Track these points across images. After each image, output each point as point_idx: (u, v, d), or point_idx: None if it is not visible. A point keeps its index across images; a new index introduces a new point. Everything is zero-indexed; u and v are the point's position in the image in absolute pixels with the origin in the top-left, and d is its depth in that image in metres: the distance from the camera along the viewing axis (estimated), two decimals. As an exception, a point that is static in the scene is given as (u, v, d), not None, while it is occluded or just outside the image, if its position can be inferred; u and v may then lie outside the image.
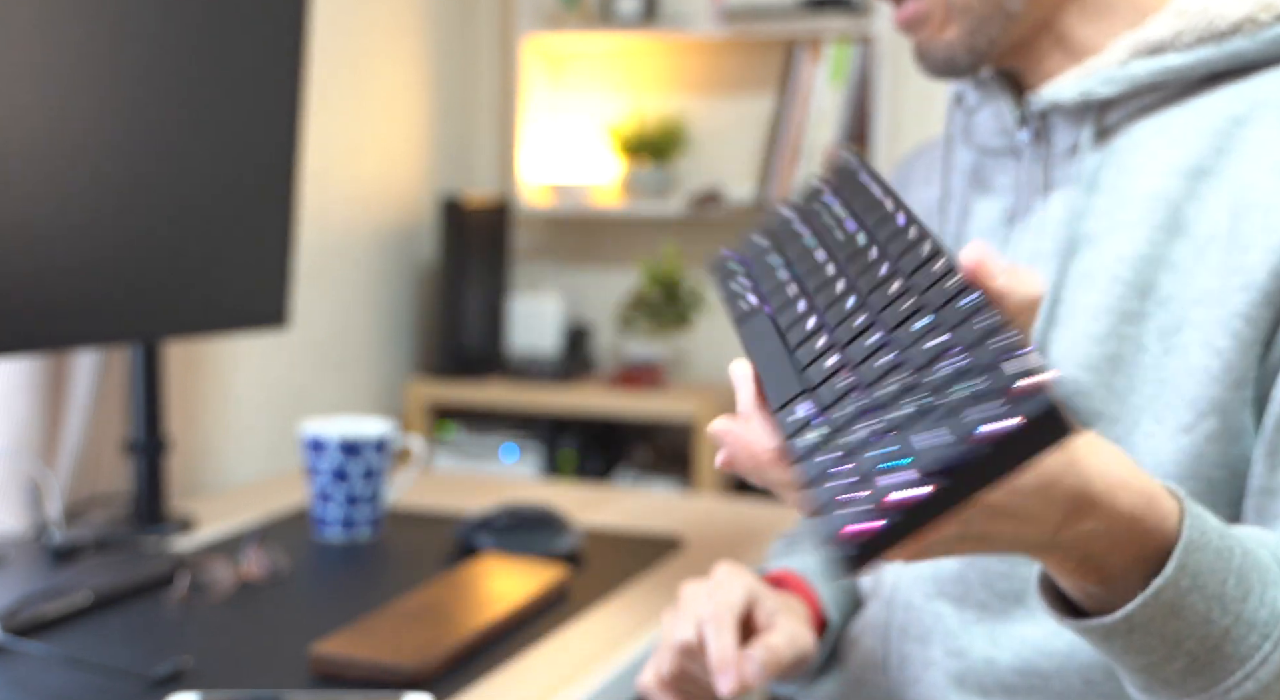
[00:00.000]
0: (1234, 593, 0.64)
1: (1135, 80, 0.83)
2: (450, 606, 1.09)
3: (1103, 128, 0.86)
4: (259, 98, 1.44)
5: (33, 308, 1.20)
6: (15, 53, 1.16)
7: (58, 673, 0.98)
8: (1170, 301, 0.79)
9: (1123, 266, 0.81)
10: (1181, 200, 0.81)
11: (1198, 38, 0.82)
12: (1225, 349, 0.77)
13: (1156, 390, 0.79)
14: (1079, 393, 0.81)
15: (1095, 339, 0.81)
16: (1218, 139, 0.80)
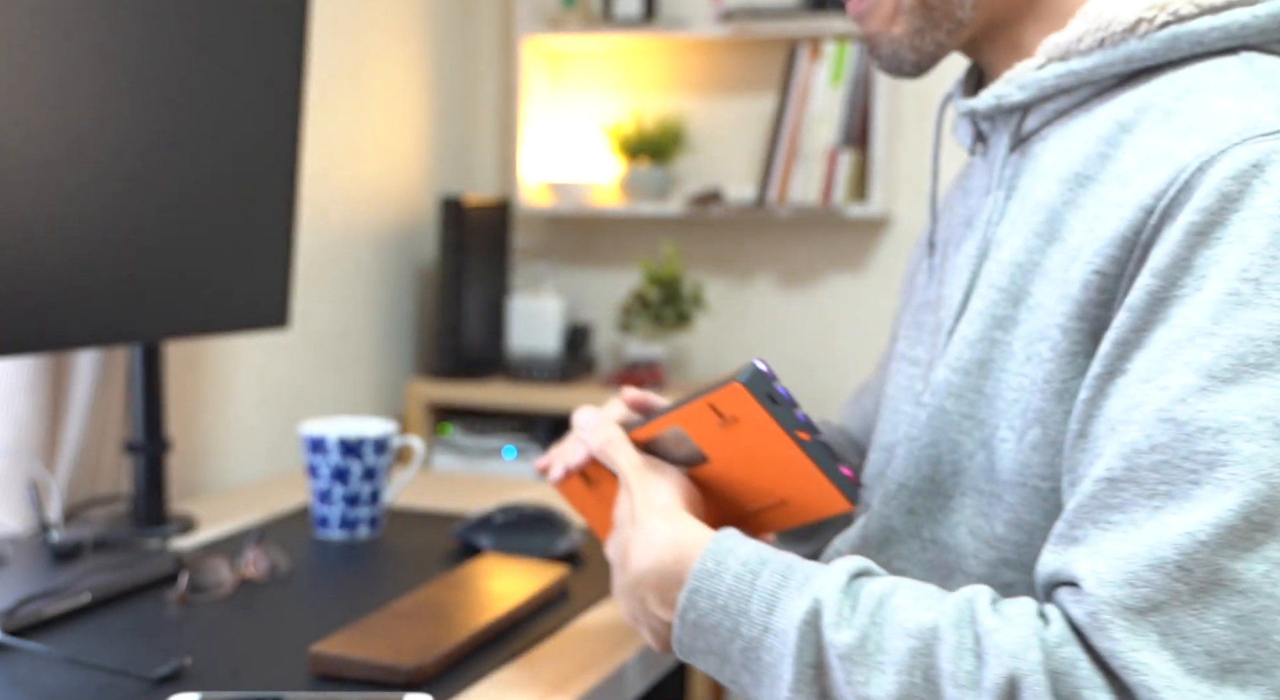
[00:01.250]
0: (759, 608, 0.74)
1: (1043, 84, 0.83)
2: (450, 606, 1.09)
3: (1024, 133, 0.86)
4: (260, 98, 1.44)
5: (34, 308, 1.20)
6: (16, 54, 1.16)
7: (58, 672, 0.98)
8: (1038, 309, 0.79)
9: (999, 272, 0.82)
10: (1061, 207, 0.80)
11: (1096, 41, 0.81)
12: (1048, 359, 0.76)
13: (1015, 396, 0.79)
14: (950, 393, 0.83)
15: (969, 343, 0.82)
16: (1103, 145, 0.79)
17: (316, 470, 1.39)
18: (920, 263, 1.03)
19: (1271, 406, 0.66)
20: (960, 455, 0.82)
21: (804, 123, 2.39)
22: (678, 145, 2.56)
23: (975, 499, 0.82)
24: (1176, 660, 0.64)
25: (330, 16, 2.07)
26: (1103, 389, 0.72)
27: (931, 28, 0.87)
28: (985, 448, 0.81)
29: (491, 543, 1.33)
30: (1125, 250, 0.73)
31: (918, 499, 0.85)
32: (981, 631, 0.69)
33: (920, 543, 0.85)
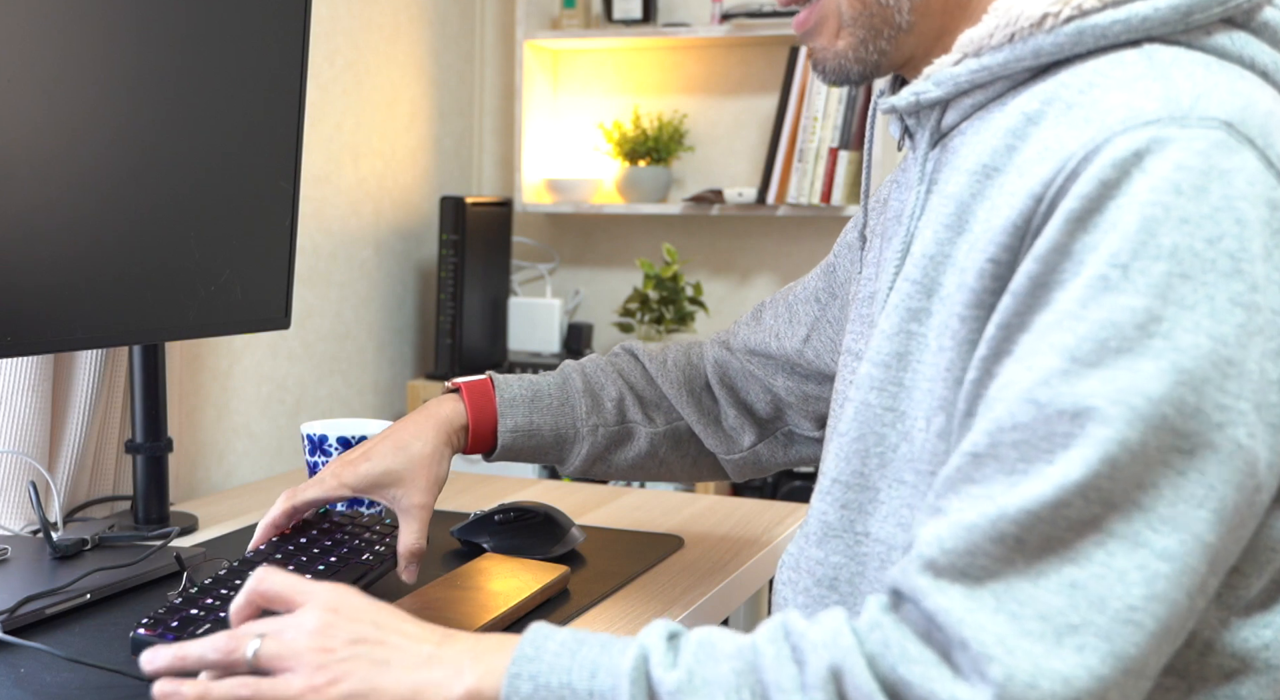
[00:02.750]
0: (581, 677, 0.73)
1: (958, 80, 0.84)
2: (450, 606, 1.09)
3: (944, 128, 0.87)
4: (261, 100, 1.44)
5: (34, 308, 1.20)
6: (15, 56, 1.16)
7: (58, 672, 0.98)
8: (948, 299, 0.80)
9: (912, 265, 0.83)
10: (970, 199, 0.81)
11: (1007, 35, 0.81)
12: (948, 347, 0.78)
13: (930, 387, 0.81)
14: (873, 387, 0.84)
15: (887, 336, 0.84)
16: (1010, 137, 0.79)
17: (317, 470, 1.39)
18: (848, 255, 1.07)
19: (1127, 390, 0.67)
20: (885, 448, 0.84)
21: (804, 123, 2.39)
22: (678, 145, 2.56)
23: (900, 490, 0.83)
24: (1010, 623, 0.66)
25: (330, 16, 2.07)
26: (989, 370, 0.74)
27: (873, 37, 0.88)
28: (907, 439, 0.82)
29: (491, 543, 1.33)
30: (1017, 238, 0.74)
31: (850, 494, 0.86)
32: (796, 638, 0.71)
33: (854, 536, 0.86)
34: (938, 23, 0.87)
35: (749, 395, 1.24)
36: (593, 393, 1.23)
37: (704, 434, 1.24)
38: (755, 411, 1.25)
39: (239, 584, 1.11)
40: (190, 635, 0.98)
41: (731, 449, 1.25)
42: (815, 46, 0.91)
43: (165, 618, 1.00)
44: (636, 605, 1.20)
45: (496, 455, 1.21)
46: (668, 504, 1.61)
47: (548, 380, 1.23)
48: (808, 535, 0.90)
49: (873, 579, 0.85)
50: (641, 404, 1.24)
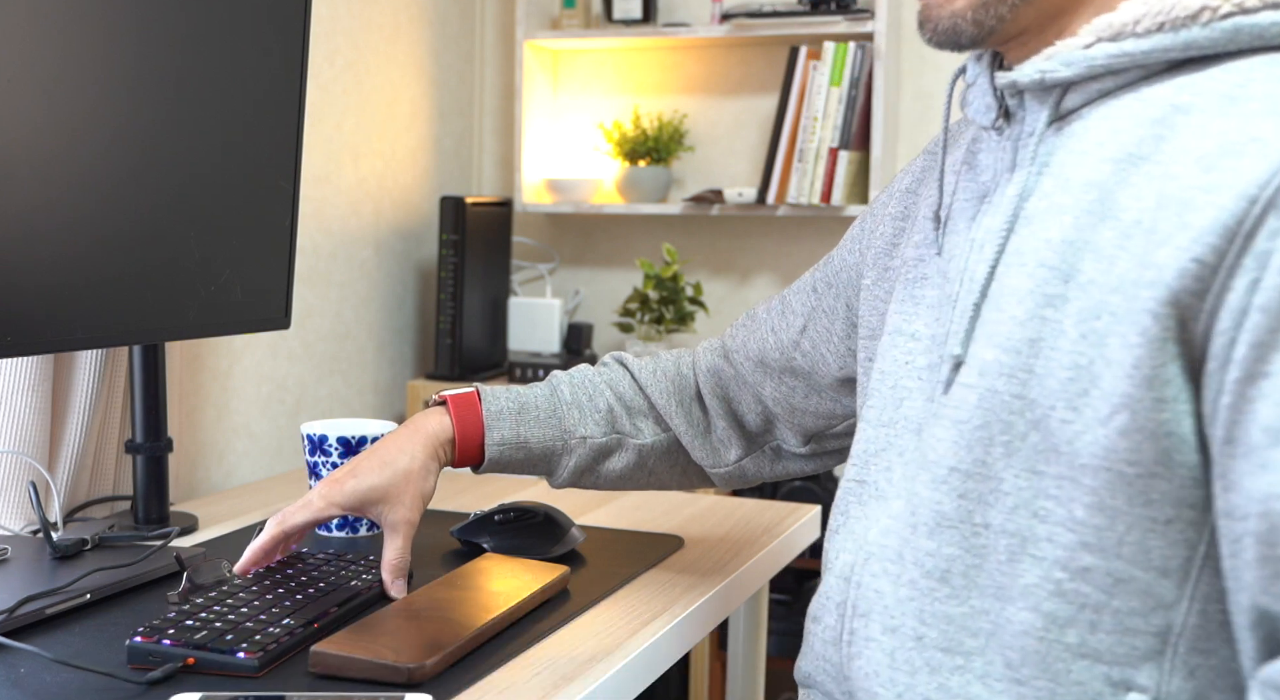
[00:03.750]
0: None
1: (1092, 63, 0.83)
2: (450, 606, 1.09)
3: (1062, 110, 0.86)
4: (261, 100, 1.44)
5: (34, 308, 1.20)
6: (16, 56, 1.16)
7: (57, 673, 0.98)
8: (1091, 286, 0.80)
9: (1049, 250, 0.82)
10: (1114, 185, 0.80)
11: (1156, 24, 0.81)
12: (1136, 345, 0.77)
13: (1073, 376, 0.79)
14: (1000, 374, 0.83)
15: (1018, 322, 0.82)
16: (1158, 127, 0.80)
17: (317, 470, 1.39)
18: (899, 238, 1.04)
19: None
20: (1012, 436, 0.82)
21: (804, 123, 2.39)
22: (678, 145, 2.56)
23: (1033, 481, 0.81)
24: None
25: (330, 16, 2.07)
26: (1245, 393, 0.73)
27: (996, 2, 0.86)
28: (1039, 428, 0.81)
29: (491, 543, 1.33)
30: (1226, 239, 0.74)
31: (969, 483, 0.84)
32: None
33: (971, 528, 0.84)
34: (1062, 3, 0.86)
35: (740, 405, 1.23)
36: (580, 404, 1.22)
37: (691, 446, 1.24)
38: (745, 423, 1.24)
39: (238, 596, 1.11)
40: (186, 644, 0.98)
41: (718, 462, 1.24)
42: (930, 2, 0.89)
43: (162, 626, 1.01)
44: (636, 605, 1.20)
45: (484, 468, 1.21)
46: (668, 504, 1.61)
47: (535, 392, 1.22)
48: (915, 525, 0.87)
49: (993, 572, 0.83)
50: (630, 414, 1.23)
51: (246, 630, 1.01)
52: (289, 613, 1.06)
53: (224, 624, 1.02)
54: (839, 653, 0.92)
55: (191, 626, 1.01)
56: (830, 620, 0.94)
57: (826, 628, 0.94)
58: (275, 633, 1.01)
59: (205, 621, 1.02)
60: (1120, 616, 0.80)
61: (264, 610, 1.06)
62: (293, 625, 1.03)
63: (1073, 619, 0.81)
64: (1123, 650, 0.80)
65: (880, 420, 0.95)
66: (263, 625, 1.02)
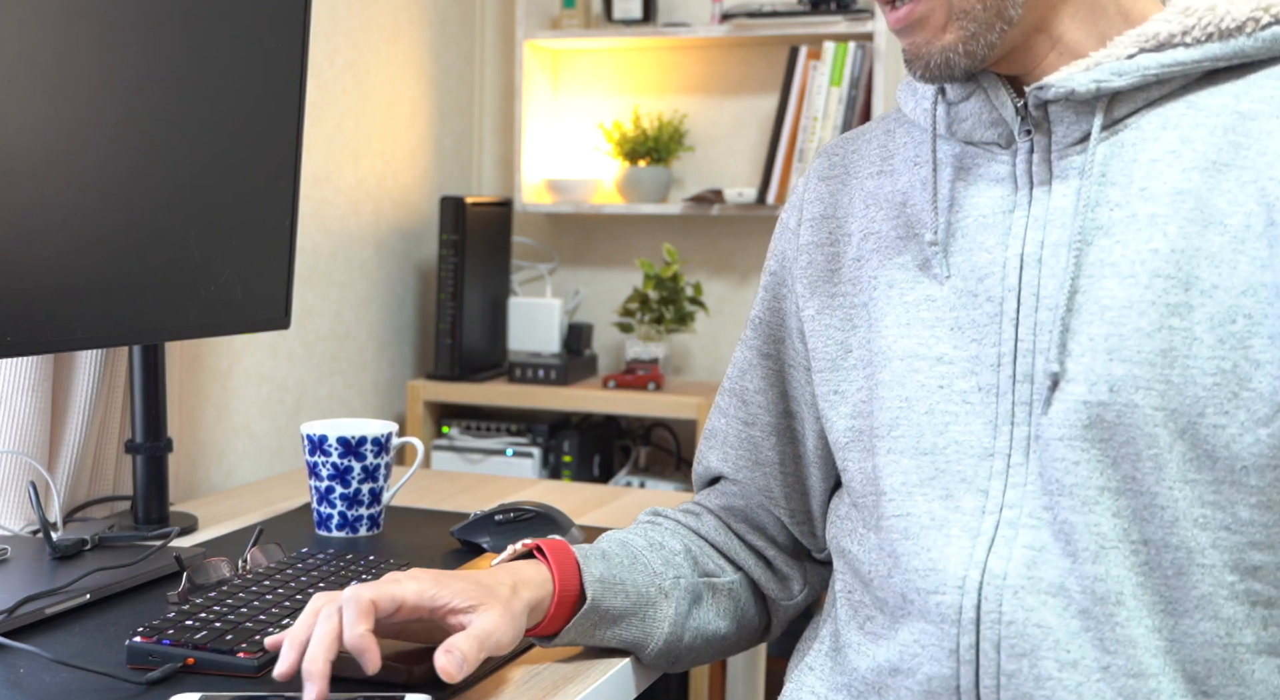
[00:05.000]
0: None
1: (1145, 72, 0.86)
2: (450, 606, 1.09)
3: (1110, 120, 0.88)
4: (261, 100, 1.44)
5: (34, 308, 1.20)
6: (16, 56, 1.16)
7: (56, 673, 0.98)
8: (1216, 292, 0.82)
9: (1159, 261, 0.83)
10: (1206, 193, 0.83)
11: (1206, 34, 0.85)
12: None
13: (1218, 381, 0.81)
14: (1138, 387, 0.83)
15: (1145, 334, 0.83)
16: (1230, 134, 0.84)
17: (317, 470, 1.39)
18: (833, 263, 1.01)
19: None
20: (1160, 449, 0.82)
21: (804, 123, 2.39)
22: (678, 145, 2.56)
23: (1189, 490, 0.82)
24: None
25: (330, 16, 2.07)
26: None
27: (985, 31, 0.87)
28: (1184, 437, 0.81)
29: (491, 543, 1.33)
30: None
31: (1121, 501, 0.83)
32: None
33: (1131, 546, 0.83)
34: (1041, 14, 0.89)
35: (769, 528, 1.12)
36: (657, 547, 1.07)
37: (761, 579, 1.12)
38: (782, 543, 1.12)
39: (238, 596, 1.11)
40: (186, 645, 0.98)
41: (788, 592, 1.13)
42: (917, 41, 0.89)
43: (162, 627, 1.01)
44: (636, 605, 1.19)
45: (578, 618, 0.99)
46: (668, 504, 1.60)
47: (602, 544, 1.06)
48: (1074, 553, 0.84)
49: (1161, 588, 0.82)
50: (704, 554, 1.10)
51: (246, 630, 1.01)
52: (289, 613, 1.06)
53: (224, 624, 1.02)
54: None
55: (191, 626, 1.01)
56: (941, 669, 0.88)
57: (937, 680, 0.88)
58: (275, 633, 1.01)
59: (205, 621, 1.02)
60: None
61: (264, 610, 1.06)
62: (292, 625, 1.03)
63: (1248, 618, 0.82)
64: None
65: (919, 448, 0.91)
66: (263, 625, 1.02)
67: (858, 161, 1.03)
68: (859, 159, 1.04)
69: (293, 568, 1.18)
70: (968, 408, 0.89)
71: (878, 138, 1.03)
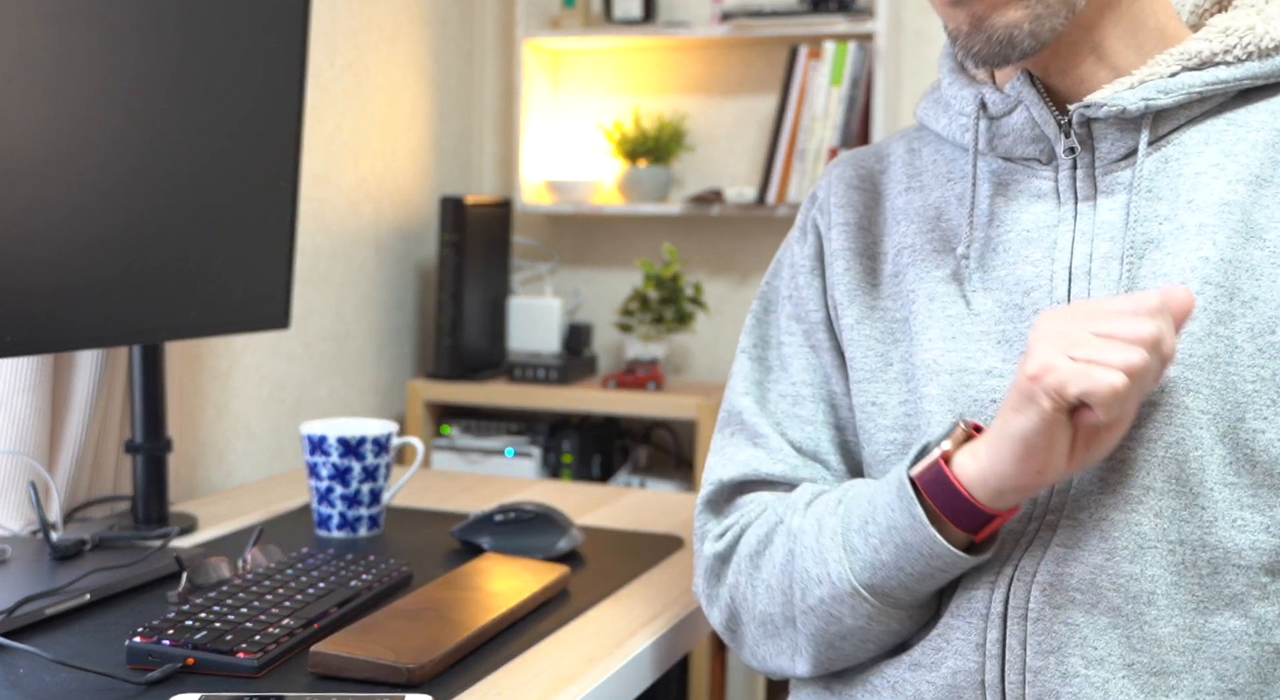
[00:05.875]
0: None
1: (1190, 91, 0.88)
2: (450, 606, 1.09)
3: (1154, 136, 0.90)
4: (261, 100, 1.44)
5: (34, 308, 1.20)
6: (16, 56, 1.16)
7: (57, 673, 0.98)
8: (1256, 303, 0.84)
9: (1210, 269, 0.85)
10: (1250, 207, 0.86)
11: (1247, 53, 0.88)
12: None
13: (1257, 388, 0.84)
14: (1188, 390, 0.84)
15: (1197, 338, 0.85)
16: (1270, 150, 0.88)
17: (317, 470, 1.39)
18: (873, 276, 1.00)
19: None
20: (1203, 451, 0.84)
21: (804, 123, 2.39)
22: (678, 145, 2.56)
23: (1229, 492, 0.84)
24: None
25: (330, 16, 2.07)
26: None
27: (1051, 15, 0.87)
28: (1225, 441, 0.84)
29: (491, 543, 1.33)
30: None
31: (1164, 501, 0.84)
32: None
33: (1169, 546, 0.84)
34: (1092, 15, 0.90)
35: None
36: None
37: None
38: None
39: (238, 596, 1.11)
40: (186, 645, 0.98)
41: None
42: (978, 11, 0.88)
43: (162, 627, 1.01)
44: (636, 605, 1.20)
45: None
46: (668, 504, 1.61)
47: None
48: (1111, 552, 0.84)
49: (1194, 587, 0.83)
50: None
51: (246, 630, 1.01)
52: (289, 613, 1.06)
53: (224, 624, 1.02)
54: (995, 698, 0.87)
55: (191, 627, 1.01)
56: (966, 664, 0.88)
57: (962, 674, 0.88)
58: (275, 633, 1.01)
59: (205, 622, 1.02)
60: None
61: (264, 610, 1.06)
62: (292, 625, 1.03)
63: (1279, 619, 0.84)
64: None
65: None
66: (262, 625, 1.02)
67: (886, 181, 1.03)
68: (887, 179, 1.03)
69: (293, 568, 1.18)
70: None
71: (901, 156, 1.03)
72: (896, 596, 0.89)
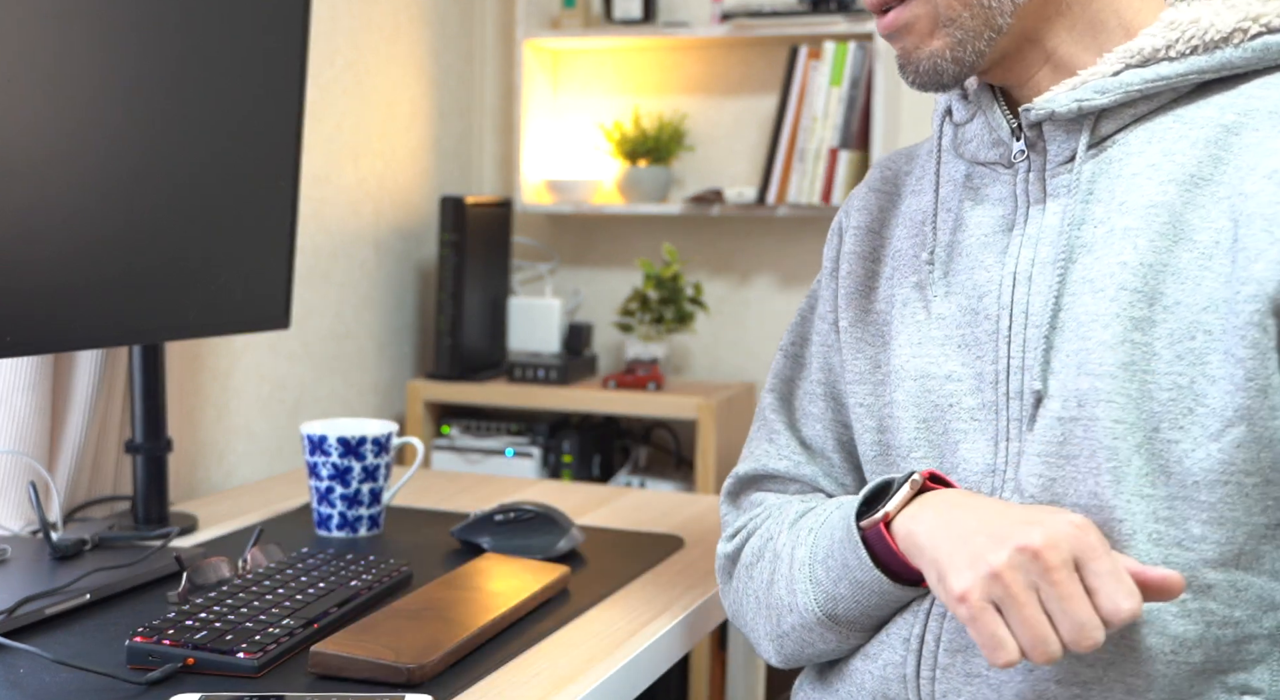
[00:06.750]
0: None
1: (1129, 89, 0.85)
2: (450, 606, 1.09)
3: (1097, 137, 0.87)
4: (261, 100, 1.44)
5: (34, 308, 1.20)
6: (16, 56, 1.16)
7: (57, 673, 0.98)
8: (1178, 307, 0.81)
9: (1128, 274, 0.82)
10: (1181, 208, 0.82)
11: (1190, 48, 0.84)
12: (1245, 357, 0.78)
13: (1173, 396, 0.80)
14: (1099, 400, 0.82)
15: (1108, 346, 0.82)
16: (1212, 148, 0.83)
17: (317, 470, 1.39)
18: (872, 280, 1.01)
19: None
20: (1118, 462, 0.82)
21: (804, 123, 2.39)
22: (678, 145, 2.56)
23: (1146, 505, 0.81)
24: None
25: (330, 16, 2.07)
26: None
27: (972, 38, 0.87)
28: (1140, 451, 0.81)
29: (491, 543, 1.33)
30: None
31: (1081, 513, 0.83)
32: None
33: None
34: (1032, 25, 0.88)
35: None
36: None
37: None
38: None
39: (238, 596, 1.11)
40: (186, 645, 0.98)
41: None
42: (905, 46, 0.90)
43: (162, 627, 1.01)
44: (636, 605, 1.20)
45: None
46: (668, 504, 1.61)
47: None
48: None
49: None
50: None
51: (246, 630, 1.01)
52: (289, 613, 1.06)
53: (224, 624, 1.02)
54: (912, 690, 0.89)
55: (191, 627, 1.01)
56: (895, 656, 0.91)
57: (891, 666, 0.91)
58: (275, 633, 1.01)
59: (205, 622, 1.02)
60: (1240, 626, 0.81)
61: (264, 610, 1.06)
62: (292, 625, 1.03)
63: (1200, 638, 0.81)
64: (1239, 656, 0.81)
65: (941, 469, 0.92)
66: (263, 625, 1.02)
67: (904, 180, 1.04)
68: (906, 178, 1.04)
69: (293, 568, 1.18)
70: (975, 425, 0.90)
71: (920, 157, 1.04)
72: (861, 622, 0.93)
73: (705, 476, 2.29)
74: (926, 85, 0.90)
